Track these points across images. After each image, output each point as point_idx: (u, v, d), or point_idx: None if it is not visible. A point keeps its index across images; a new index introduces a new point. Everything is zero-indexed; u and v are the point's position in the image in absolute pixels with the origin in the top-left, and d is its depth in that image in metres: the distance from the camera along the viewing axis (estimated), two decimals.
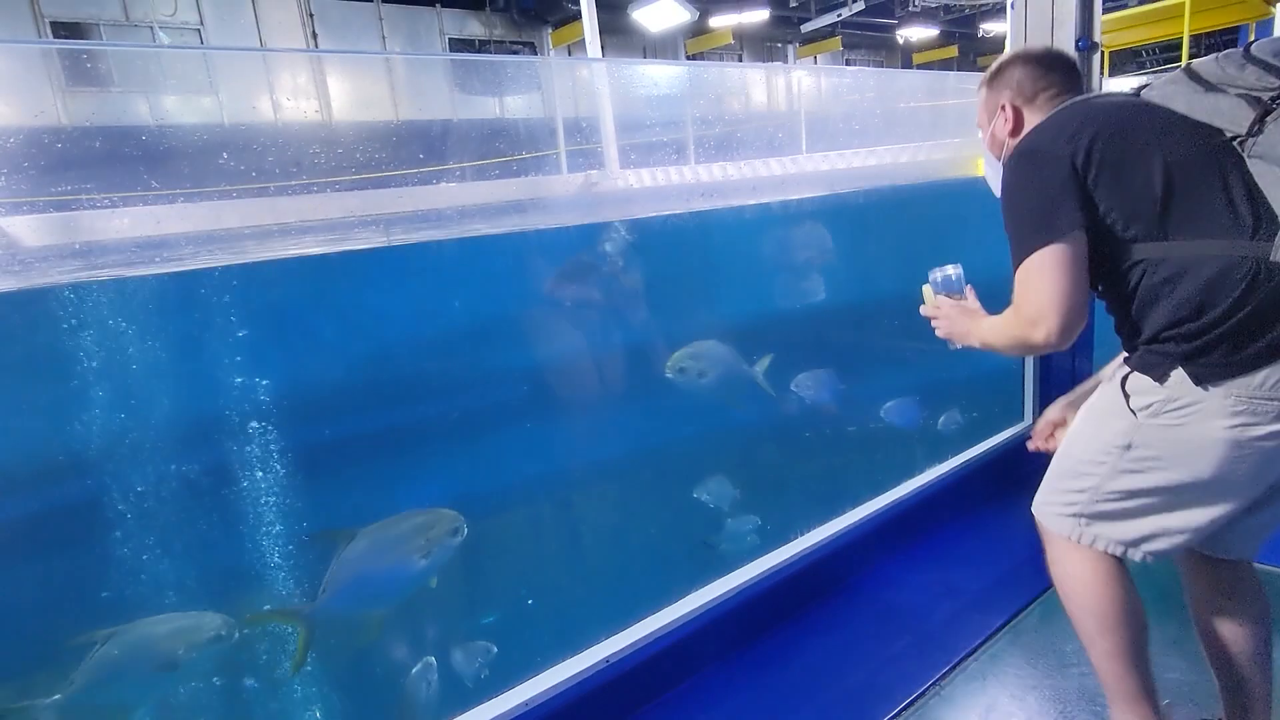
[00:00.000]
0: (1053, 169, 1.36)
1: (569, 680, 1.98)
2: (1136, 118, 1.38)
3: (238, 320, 2.62)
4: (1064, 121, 1.43)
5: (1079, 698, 2.01)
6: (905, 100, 4.21)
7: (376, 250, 2.62)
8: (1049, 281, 1.33)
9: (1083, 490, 1.49)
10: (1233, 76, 1.30)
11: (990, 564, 2.73)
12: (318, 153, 1.98)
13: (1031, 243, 1.35)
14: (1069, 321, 1.33)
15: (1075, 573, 1.53)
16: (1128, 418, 1.41)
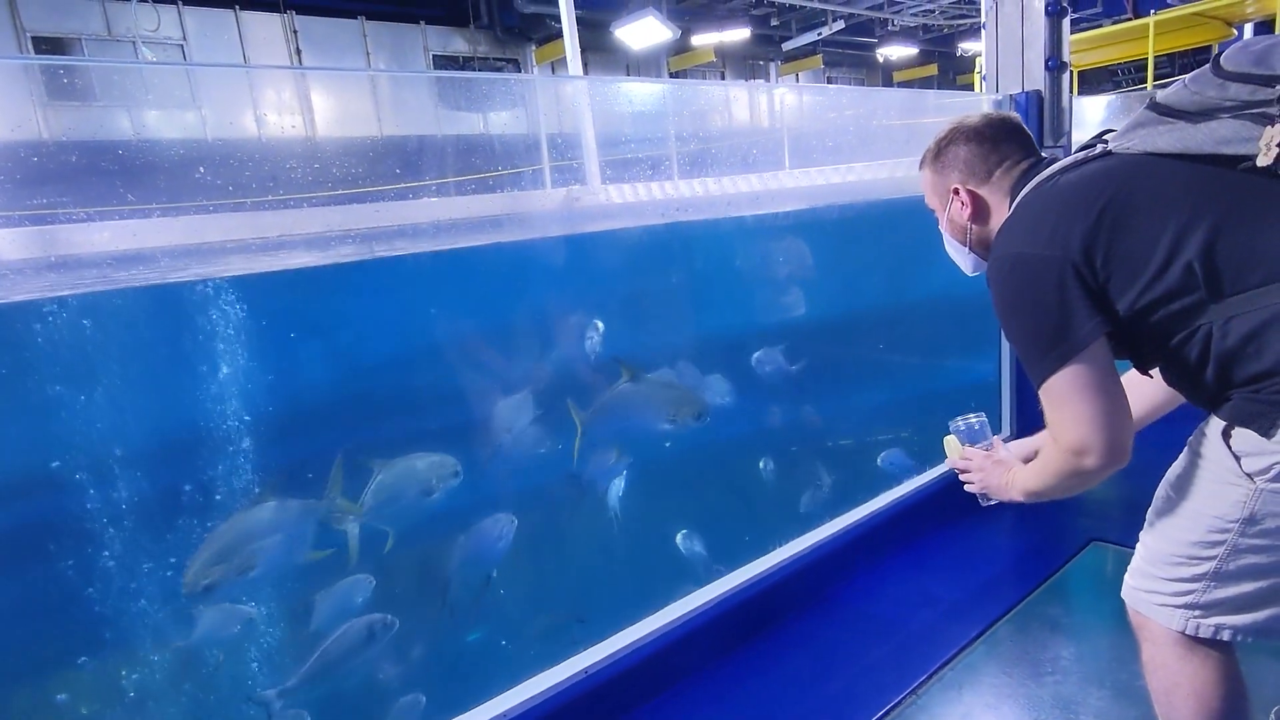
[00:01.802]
0: (1048, 277, 1.21)
1: (546, 692, 1.97)
2: (1125, 182, 1.22)
3: (216, 334, 2.62)
4: (1040, 215, 1.28)
5: (1053, 705, 2.03)
6: (885, 118, 4.27)
7: (360, 263, 2.63)
8: (1082, 405, 1.21)
9: (1195, 578, 1.28)
10: (1215, 99, 1.17)
11: (967, 574, 2.76)
12: (295, 167, 1.99)
13: (1049, 365, 1.22)
14: (1117, 439, 1.21)
15: (1188, 682, 1.32)
16: (1243, 484, 1.20)
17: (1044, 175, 1.35)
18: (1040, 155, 1.47)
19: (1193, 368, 1.20)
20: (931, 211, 1.60)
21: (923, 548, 2.97)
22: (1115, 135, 1.31)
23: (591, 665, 2.06)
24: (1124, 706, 1.98)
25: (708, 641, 2.32)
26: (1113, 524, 2.94)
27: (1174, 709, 1.36)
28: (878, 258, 4.34)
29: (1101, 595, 2.61)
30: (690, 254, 3.79)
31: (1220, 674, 1.31)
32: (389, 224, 2.67)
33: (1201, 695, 1.31)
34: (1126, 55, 10.24)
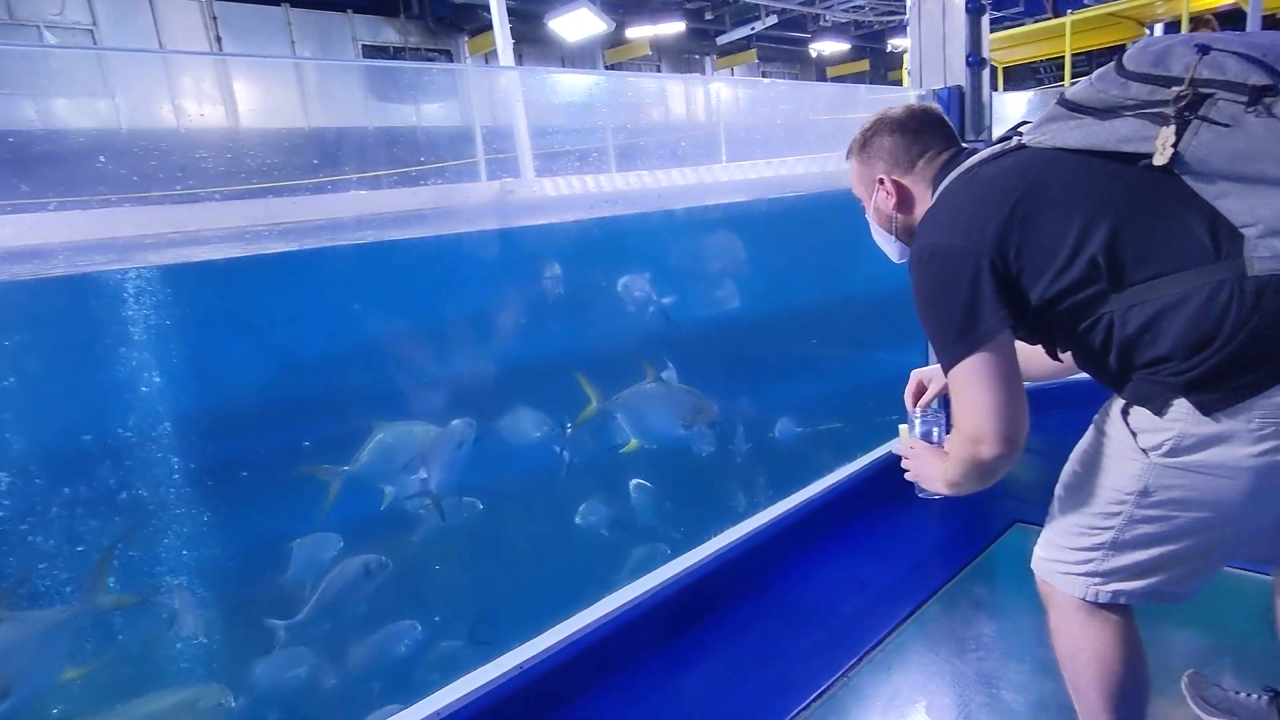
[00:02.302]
0: (963, 269, 1.26)
1: (482, 688, 1.96)
2: (1036, 177, 1.27)
3: (127, 328, 2.50)
4: (957, 208, 1.33)
5: (976, 681, 2.10)
6: (820, 112, 4.34)
7: (283, 256, 2.55)
8: (980, 394, 1.26)
9: (1096, 547, 1.36)
10: (1119, 97, 1.21)
11: (897, 557, 2.83)
12: (204, 158, 1.91)
13: (954, 353, 1.27)
14: (1010, 429, 1.26)
15: (1089, 645, 1.40)
16: (1139, 459, 1.27)
17: (963, 167, 1.40)
18: (961, 145, 1.52)
19: (1097, 352, 1.26)
20: (859, 201, 1.64)
21: (855, 534, 3.04)
22: (1029, 129, 1.35)
23: (527, 660, 2.05)
24: (1041, 680, 2.07)
25: (645, 632, 2.33)
26: (1034, 506, 3.04)
27: (1078, 672, 1.43)
28: (812, 251, 4.41)
29: (1023, 574, 2.67)
30: (627, 248, 3.79)
31: (1120, 637, 1.38)
32: (315, 218, 2.60)
33: (1102, 657, 1.39)
34: (1047, 53, 10.63)
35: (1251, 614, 2.18)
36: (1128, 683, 1.39)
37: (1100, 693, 1.40)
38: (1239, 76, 1.11)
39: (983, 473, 1.35)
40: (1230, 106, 1.12)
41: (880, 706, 2.04)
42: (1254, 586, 2.08)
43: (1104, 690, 1.40)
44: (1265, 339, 1.12)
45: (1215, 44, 1.17)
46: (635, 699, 2.17)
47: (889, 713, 2.02)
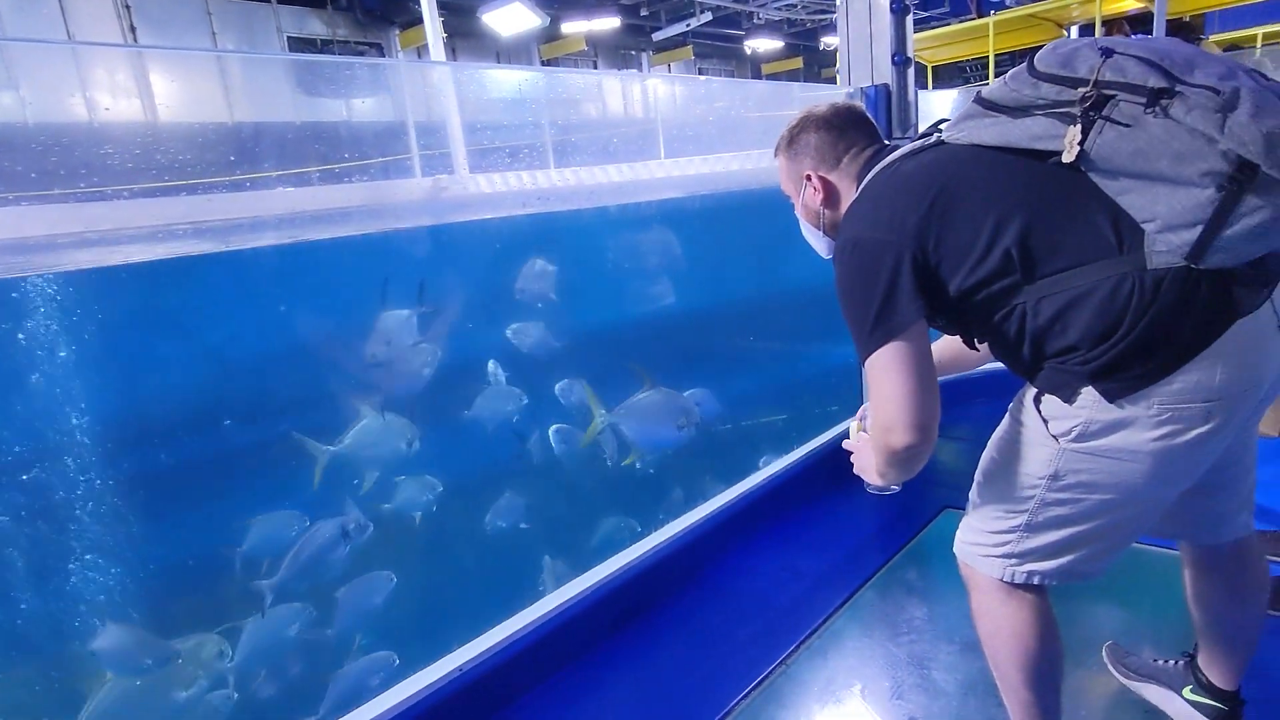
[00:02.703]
0: (884, 260, 1.29)
1: (421, 692, 1.93)
2: (954, 172, 1.32)
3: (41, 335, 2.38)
4: (879, 201, 1.37)
5: (908, 663, 2.17)
6: (755, 109, 4.39)
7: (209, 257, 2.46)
8: (892, 384, 1.29)
9: (1012, 529, 1.42)
10: (1030, 96, 1.26)
11: (832, 546, 2.90)
12: (112, 153, 1.83)
13: (870, 343, 1.30)
14: (921, 419, 1.29)
15: (1008, 624, 1.46)
16: (1050, 445, 1.33)
17: (885, 162, 1.44)
18: (884, 142, 1.56)
19: (1011, 342, 1.32)
20: (788, 198, 1.67)
21: (792, 524, 3.09)
22: (948, 126, 1.40)
23: (466, 663, 2.03)
24: (970, 660, 2.14)
25: (585, 629, 2.34)
26: (962, 492, 3.15)
27: (998, 650, 1.49)
28: (747, 246, 4.47)
29: (952, 558, 2.79)
30: (563, 245, 3.77)
31: (1036, 616, 1.44)
32: (238, 216, 2.51)
33: (1020, 635, 1.45)
34: (973, 53, 11.00)
35: (1162, 586, 2.31)
36: (1044, 659, 1.45)
37: (1018, 669, 1.46)
38: (1139, 79, 1.16)
39: (897, 461, 1.36)
40: (1131, 107, 1.16)
41: (817, 692, 2.09)
42: (1163, 561, 2.21)
43: (1022, 666, 1.45)
44: (1163, 328, 1.18)
45: (1118, 48, 1.22)
46: (577, 696, 2.17)
47: (825, 698, 2.07)
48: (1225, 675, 1.70)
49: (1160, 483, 1.30)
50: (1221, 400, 1.21)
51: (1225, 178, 1.10)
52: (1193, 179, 1.12)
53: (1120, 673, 1.94)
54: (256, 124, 2.64)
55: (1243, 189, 1.10)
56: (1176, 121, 1.12)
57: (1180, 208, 1.14)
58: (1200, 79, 1.13)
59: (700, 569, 2.75)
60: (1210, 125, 1.10)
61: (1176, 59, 1.17)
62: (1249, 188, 1.09)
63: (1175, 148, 1.13)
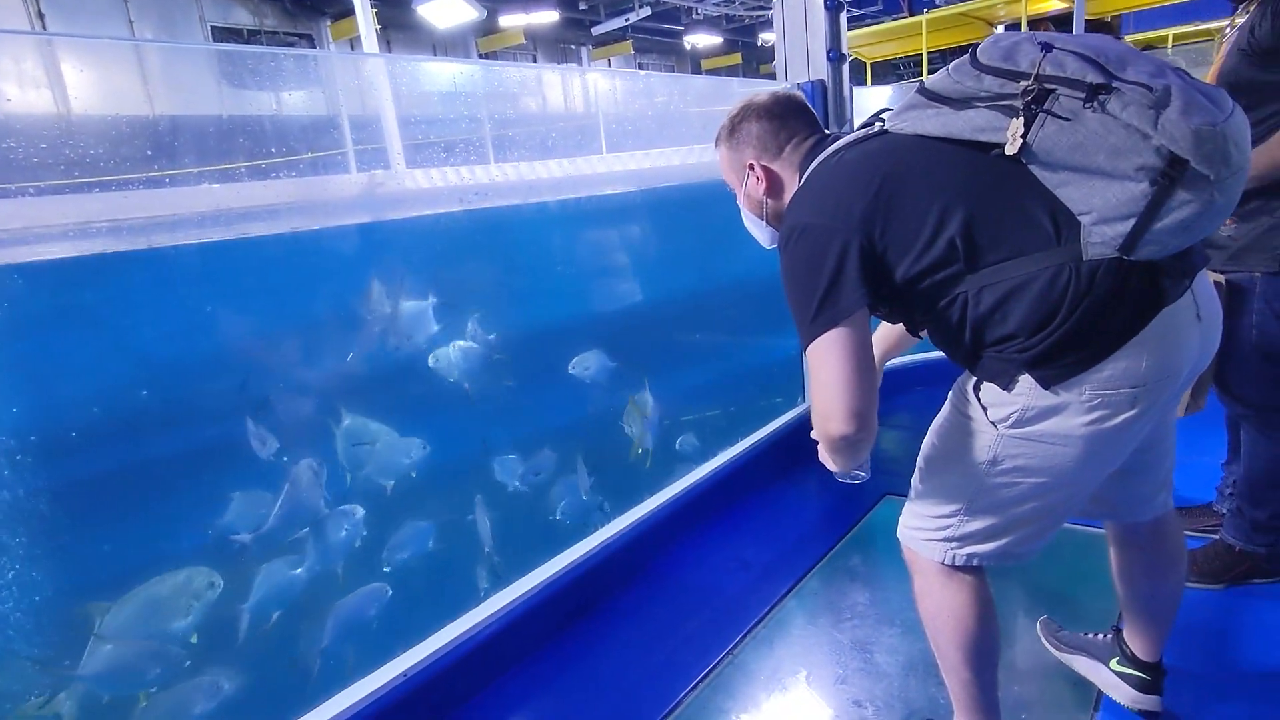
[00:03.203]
0: (830, 247, 1.29)
1: (363, 700, 1.89)
2: (899, 161, 1.33)
3: None
4: (824, 188, 1.37)
5: (852, 648, 2.21)
6: (695, 104, 4.40)
7: (125, 255, 2.34)
8: (830, 371, 1.29)
9: (952, 514, 1.46)
10: (973, 89, 1.28)
11: (778, 536, 2.94)
12: (12, 148, 1.73)
13: (812, 330, 1.30)
14: (858, 407, 1.29)
15: (949, 606, 1.50)
16: (989, 431, 1.37)
17: (829, 151, 1.44)
18: (825, 131, 1.58)
19: (953, 330, 1.34)
20: (730, 188, 1.67)
21: (738, 515, 3.13)
22: (890, 115, 1.41)
23: (410, 668, 1.99)
24: (911, 641, 2.20)
25: (534, 628, 2.32)
26: (902, 478, 3.23)
27: (939, 630, 1.53)
28: (689, 241, 4.49)
29: (893, 544, 2.84)
30: (504, 241, 3.72)
31: (975, 597, 1.49)
32: (158, 213, 2.41)
33: (960, 616, 1.49)
34: (906, 50, 11.28)
35: (1091, 564, 2.40)
36: (982, 638, 1.49)
37: (958, 648, 1.51)
38: (1078, 74, 1.19)
39: (836, 449, 1.38)
40: (1070, 102, 1.19)
41: (764, 680, 2.12)
42: (1091, 540, 2.30)
43: (961, 646, 1.50)
44: (1096, 317, 1.22)
45: (1056, 43, 1.25)
46: (527, 696, 2.15)
47: (772, 686, 2.09)
48: (1147, 647, 1.78)
49: (1090, 466, 1.35)
50: (1145, 386, 1.26)
51: (1158, 173, 1.13)
52: (1127, 173, 1.15)
53: (1053, 645, 2.02)
54: (176, 117, 2.52)
55: (1173, 184, 1.13)
56: (1113, 117, 1.16)
57: (1115, 201, 1.17)
58: (1133, 75, 1.17)
59: (648, 563, 2.76)
60: (1144, 121, 1.13)
61: (1110, 55, 1.21)
62: (1179, 182, 1.13)
63: (1112, 142, 1.16)
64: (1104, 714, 1.85)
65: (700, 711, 2.02)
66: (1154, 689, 1.78)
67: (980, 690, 1.54)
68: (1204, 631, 2.10)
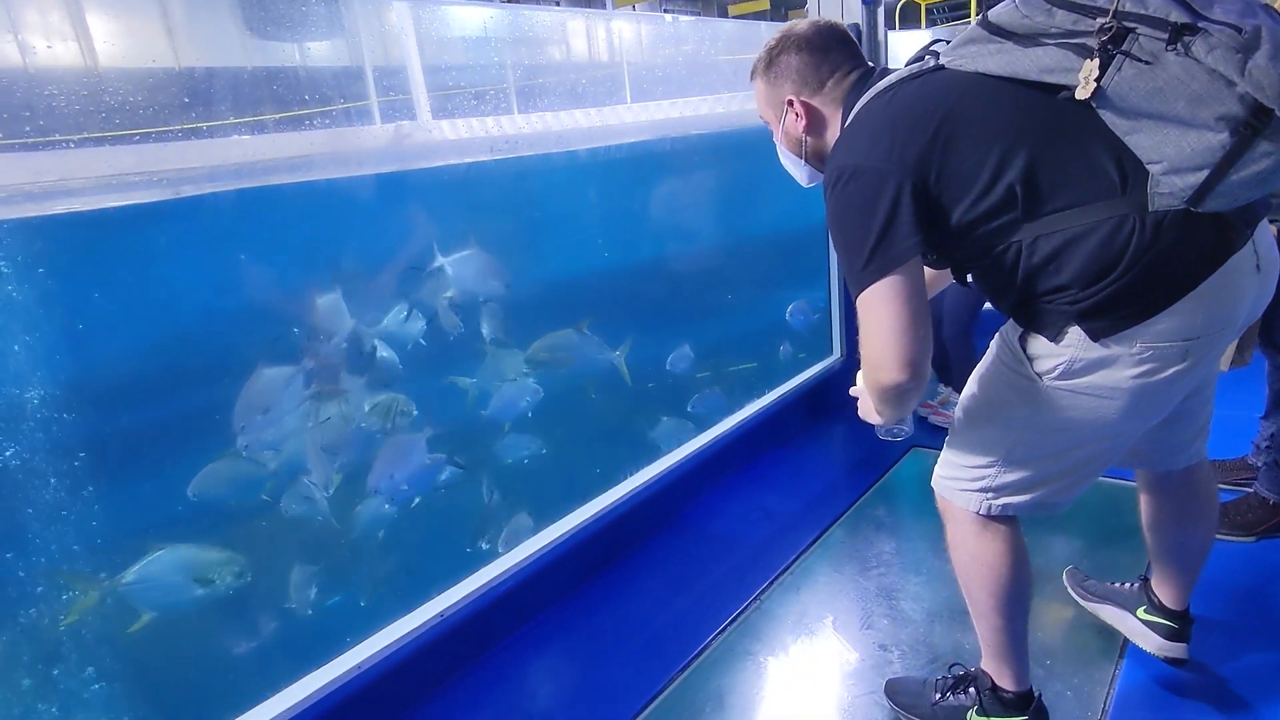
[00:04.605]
0: (883, 191, 1.22)
1: (403, 639, 1.96)
2: (958, 100, 1.24)
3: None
4: (878, 129, 1.28)
5: (878, 595, 2.24)
6: (723, 50, 4.30)
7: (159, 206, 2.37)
8: (883, 320, 1.23)
9: (989, 464, 1.43)
10: (1043, 24, 1.18)
11: (803, 487, 2.96)
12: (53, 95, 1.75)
13: (864, 277, 1.24)
14: (911, 355, 1.24)
15: (983, 555, 1.49)
16: (1033, 383, 1.33)
17: (880, 88, 1.35)
18: (869, 65, 1.48)
19: (1004, 279, 1.29)
20: (765, 124, 1.61)
21: (763, 467, 3.15)
22: (947, 50, 1.31)
23: (447, 609, 2.05)
24: (936, 589, 2.22)
25: (563, 574, 2.37)
26: (930, 431, 3.25)
27: (972, 578, 1.54)
28: (716, 190, 4.43)
29: (920, 496, 2.89)
30: (534, 192, 3.70)
31: (1008, 545, 1.49)
32: (195, 165, 2.42)
33: (994, 565, 1.49)
34: None
35: (1119, 516, 2.40)
36: (1014, 586, 1.50)
37: (990, 595, 1.51)
38: (1160, 12, 1.10)
39: (888, 399, 1.32)
40: (1151, 43, 1.10)
41: (790, 625, 2.16)
42: (1120, 491, 2.29)
43: (994, 593, 1.50)
44: (1157, 271, 1.18)
45: None
46: (554, 638, 2.22)
47: (798, 630, 2.13)
48: (1175, 596, 1.79)
49: (1134, 419, 1.32)
50: (1200, 339, 1.23)
51: (1239, 123, 1.06)
52: (1207, 122, 1.08)
53: (1079, 595, 2.03)
54: (202, 69, 2.52)
55: (1255, 134, 1.07)
56: (1197, 61, 1.08)
57: (1190, 150, 1.10)
58: (1220, 14, 1.08)
59: (675, 512, 2.80)
60: (1230, 67, 1.05)
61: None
62: (1262, 133, 1.07)
63: (1193, 89, 1.08)
64: (1130, 661, 1.87)
65: (728, 654, 2.07)
66: (1181, 636, 1.79)
67: (1011, 637, 1.55)
68: (1234, 583, 2.10)
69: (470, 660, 2.11)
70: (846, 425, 3.55)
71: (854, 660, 1.99)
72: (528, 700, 2.00)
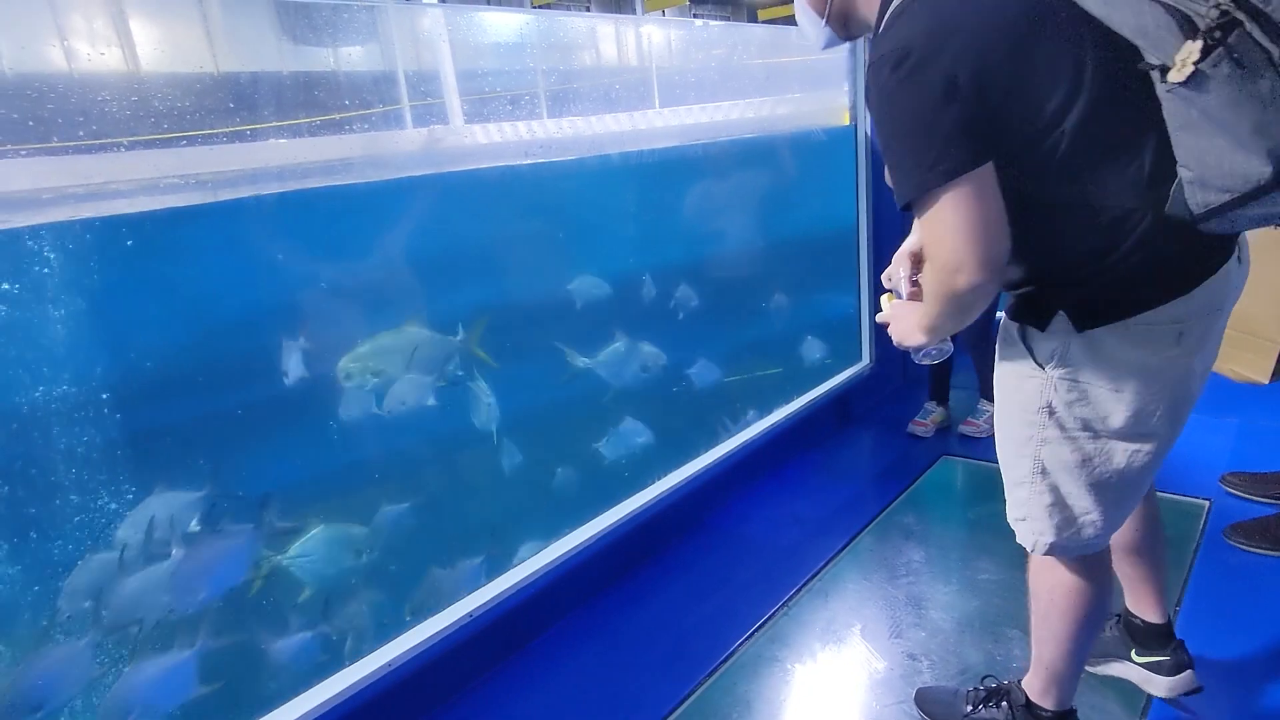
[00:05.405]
0: (950, 85, 1.06)
1: (432, 638, 1.98)
2: (1033, 22, 1.09)
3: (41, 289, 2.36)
4: (944, 18, 1.10)
5: (907, 603, 2.22)
6: (752, 56, 4.30)
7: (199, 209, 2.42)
8: (961, 219, 1.09)
9: (1022, 480, 1.35)
10: None
11: (832, 493, 2.95)
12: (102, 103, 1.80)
13: (931, 178, 1.08)
14: (994, 253, 1.11)
15: (1064, 581, 1.41)
16: (1038, 375, 1.26)
17: None
18: None
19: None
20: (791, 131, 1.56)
21: (792, 472, 3.14)
22: None
23: (476, 609, 2.07)
24: (967, 599, 2.20)
25: (591, 576, 2.39)
26: (962, 440, 3.22)
27: (1052, 604, 1.44)
28: (741, 196, 4.42)
29: (950, 503, 2.86)
30: (563, 195, 3.73)
31: (1093, 571, 1.40)
32: (233, 168, 2.48)
33: (1079, 590, 1.41)
34: None
35: None
36: (1095, 612, 1.43)
37: (1070, 622, 1.43)
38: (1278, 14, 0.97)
39: (960, 306, 1.18)
40: (1253, 51, 0.98)
41: (819, 631, 2.15)
42: None
43: (1075, 619, 1.42)
44: (1147, 271, 1.15)
45: None
46: (583, 640, 2.23)
47: (827, 636, 2.12)
48: (1157, 608, 1.70)
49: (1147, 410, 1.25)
50: (1188, 322, 1.19)
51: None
52: (1258, 150, 1.01)
53: None
54: (245, 73, 2.58)
55: None
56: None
57: (1227, 170, 1.04)
58: None
59: (703, 516, 2.80)
60: None
61: None
62: None
63: (1265, 117, 0.99)
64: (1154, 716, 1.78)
65: (755, 660, 2.06)
66: (1181, 664, 1.69)
67: (1074, 661, 1.48)
68: (1274, 597, 2.05)
69: (497, 661, 2.13)
70: (876, 431, 3.53)
71: (882, 669, 1.98)
72: (554, 702, 2.00)
